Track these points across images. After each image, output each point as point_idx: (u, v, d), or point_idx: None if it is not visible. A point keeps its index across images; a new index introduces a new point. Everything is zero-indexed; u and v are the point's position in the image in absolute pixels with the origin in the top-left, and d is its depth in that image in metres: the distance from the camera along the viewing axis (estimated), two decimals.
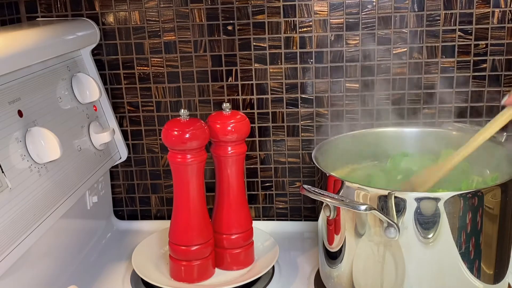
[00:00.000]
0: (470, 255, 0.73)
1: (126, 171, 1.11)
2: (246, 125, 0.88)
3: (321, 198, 0.73)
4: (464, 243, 0.72)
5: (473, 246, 0.72)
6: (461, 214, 0.71)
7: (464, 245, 0.72)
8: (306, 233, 1.06)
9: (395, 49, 1.00)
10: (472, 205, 0.71)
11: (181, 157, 0.82)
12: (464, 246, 0.72)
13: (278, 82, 1.03)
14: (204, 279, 0.88)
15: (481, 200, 0.71)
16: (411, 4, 0.98)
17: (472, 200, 0.71)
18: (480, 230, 0.72)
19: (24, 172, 0.76)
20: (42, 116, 0.83)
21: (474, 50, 0.99)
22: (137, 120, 1.08)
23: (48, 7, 1.03)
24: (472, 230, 0.72)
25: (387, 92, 1.02)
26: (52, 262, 0.88)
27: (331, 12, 0.99)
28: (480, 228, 0.72)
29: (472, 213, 0.71)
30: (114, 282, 0.91)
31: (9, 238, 0.71)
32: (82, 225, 0.99)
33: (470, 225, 0.72)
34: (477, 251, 0.73)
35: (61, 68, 0.92)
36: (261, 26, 1.01)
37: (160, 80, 1.05)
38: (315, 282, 0.89)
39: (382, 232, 0.71)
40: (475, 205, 0.71)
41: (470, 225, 0.72)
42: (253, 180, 1.10)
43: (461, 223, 0.71)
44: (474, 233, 0.72)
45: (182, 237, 0.86)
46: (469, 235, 0.72)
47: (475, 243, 0.72)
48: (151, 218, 1.14)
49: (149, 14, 1.02)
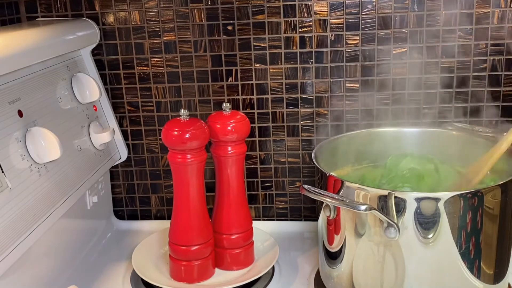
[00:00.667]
0: (470, 255, 0.73)
1: (126, 171, 1.11)
2: (246, 125, 0.88)
3: (321, 198, 0.73)
4: (464, 243, 0.72)
5: (473, 246, 0.72)
6: (461, 214, 0.71)
7: (464, 245, 0.72)
8: (306, 233, 1.06)
9: (395, 49, 1.00)
10: (472, 205, 0.71)
11: (181, 157, 0.82)
12: (464, 246, 0.72)
13: (278, 82, 1.03)
14: (204, 279, 0.88)
15: (481, 200, 0.71)
16: (411, 4, 0.98)
17: (472, 200, 0.71)
18: (480, 230, 0.72)
19: (24, 172, 0.76)
20: (42, 116, 0.83)
21: (474, 50, 0.99)
22: (137, 120, 1.08)
23: (48, 7, 1.03)
24: (472, 230, 0.72)
25: (387, 92, 1.02)
26: (52, 262, 0.88)
27: (331, 12, 0.99)
28: (480, 228, 0.72)
29: (472, 213, 0.71)
30: (114, 282, 0.91)
31: (9, 238, 0.71)
32: (82, 225, 0.99)
33: (470, 225, 0.72)
34: (477, 251, 0.73)
35: (61, 68, 0.92)
36: (261, 26, 1.01)
37: (160, 80, 1.05)
38: (315, 282, 0.89)
39: (382, 232, 0.71)
40: (475, 205, 0.71)
41: (470, 225, 0.72)
42: (253, 180, 1.10)
43: (461, 223, 0.71)
44: (474, 233, 0.72)
45: (182, 237, 0.86)
46: (469, 235, 0.72)
47: (475, 243, 0.72)
48: (151, 218, 1.14)
49: (149, 14, 1.02)
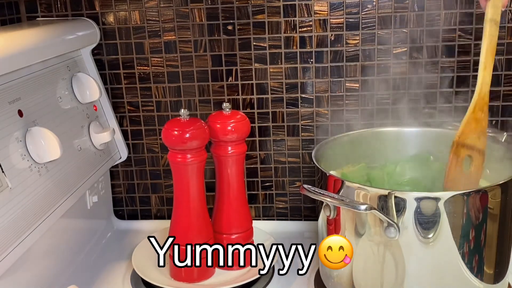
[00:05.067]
0: (470, 255, 0.73)
1: (126, 171, 1.11)
2: (246, 125, 0.88)
3: (321, 198, 0.73)
4: (464, 243, 0.72)
5: (473, 246, 0.72)
6: (461, 213, 0.71)
7: (464, 245, 0.72)
8: (306, 232, 1.06)
9: (395, 49, 1.00)
10: (472, 205, 0.71)
11: (181, 157, 0.82)
12: (464, 246, 0.72)
13: (278, 82, 1.03)
14: (204, 279, 0.88)
15: (481, 199, 0.71)
16: (411, 4, 0.98)
17: (472, 199, 0.71)
18: (480, 230, 0.72)
19: (24, 172, 0.76)
20: (42, 116, 0.83)
21: (474, 50, 0.99)
22: (137, 120, 1.08)
23: (48, 7, 1.03)
24: (472, 230, 0.72)
25: (387, 92, 1.02)
26: (52, 262, 0.88)
27: (331, 12, 0.99)
28: (480, 228, 0.72)
29: (472, 213, 0.71)
30: (114, 282, 0.92)
31: (9, 238, 0.71)
32: (82, 225, 0.99)
33: (470, 225, 0.72)
34: (477, 250, 0.73)
35: (61, 68, 0.92)
36: (261, 26, 1.01)
37: (160, 80, 1.05)
38: (315, 282, 0.89)
39: (382, 232, 0.71)
40: (475, 204, 0.71)
41: (470, 225, 0.72)
42: (253, 180, 1.10)
43: (461, 223, 0.71)
44: (474, 233, 0.72)
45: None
46: (469, 235, 0.72)
47: (475, 243, 0.72)
48: (151, 218, 1.14)
49: (149, 14, 1.02)
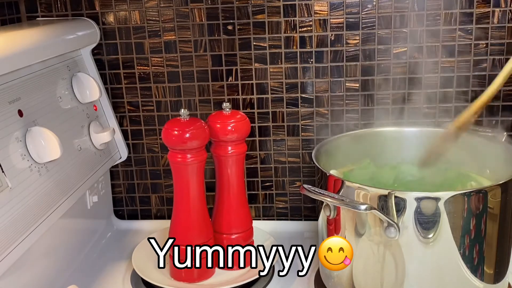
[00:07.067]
0: (470, 255, 0.73)
1: (126, 171, 1.11)
2: (246, 124, 0.88)
3: (321, 197, 0.73)
4: (464, 243, 0.72)
5: (473, 246, 0.72)
6: (461, 213, 0.71)
7: (464, 245, 0.72)
8: (306, 232, 1.06)
9: (395, 49, 1.00)
10: (472, 205, 0.71)
11: (181, 157, 0.82)
12: (464, 246, 0.72)
13: (278, 82, 1.03)
14: (204, 279, 0.88)
15: (481, 199, 0.71)
16: (411, 4, 0.98)
17: (473, 199, 0.71)
18: (480, 230, 0.72)
19: (24, 172, 0.76)
20: (42, 116, 0.83)
21: (474, 50, 0.99)
22: (137, 119, 1.08)
23: (48, 7, 1.03)
24: (472, 229, 0.72)
25: (387, 92, 1.02)
26: (52, 262, 0.88)
27: (331, 12, 0.99)
28: (480, 228, 0.72)
29: (473, 212, 0.71)
30: (114, 282, 0.91)
31: (9, 238, 0.71)
32: (82, 225, 0.99)
33: (470, 225, 0.72)
34: (477, 250, 0.73)
35: (61, 68, 0.92)
36: (261, 25, 1.01)
37: (160, 79, 1.05)
38: (315, 282, 0.89)
39: (382, 232, 0.71)
40: (475, 204, 0.71)
41: (470, 225, 0.72)
42: (253, 180, 1.10)
43: (461, 223, 0.71)
44: (474, 233, 0.72)
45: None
46: (469, 235, 0.72)
47: (475, 243, 0.72)
48: (151, 218, 1.14)
49: (149, 13, 1.02)
